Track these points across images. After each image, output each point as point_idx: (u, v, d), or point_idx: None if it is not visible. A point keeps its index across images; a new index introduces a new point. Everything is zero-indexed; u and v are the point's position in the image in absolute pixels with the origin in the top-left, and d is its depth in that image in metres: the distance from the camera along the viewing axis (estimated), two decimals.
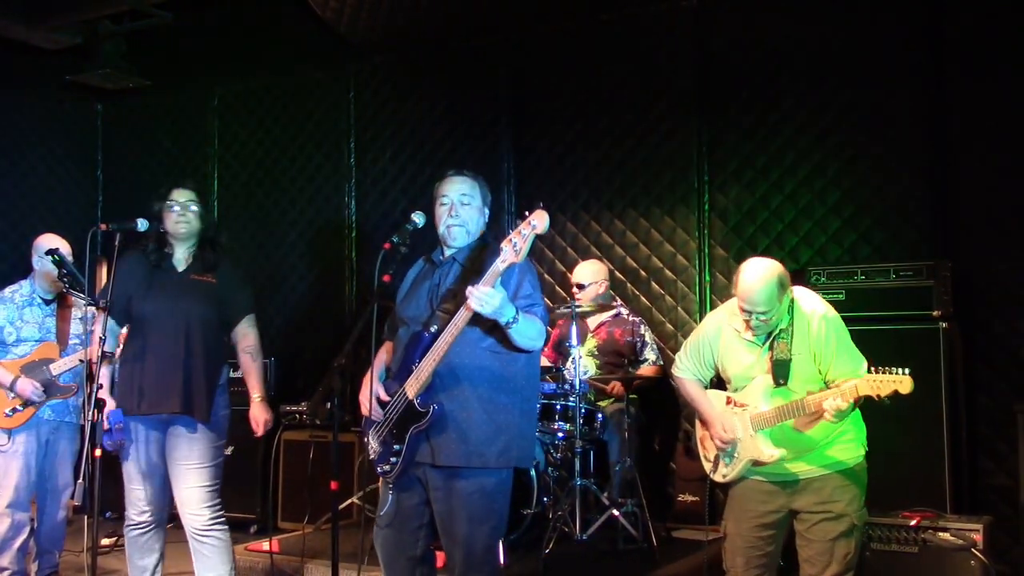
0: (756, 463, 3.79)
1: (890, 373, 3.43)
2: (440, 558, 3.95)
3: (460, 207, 3.73)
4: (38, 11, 7.10)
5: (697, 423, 4.10)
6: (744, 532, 3.87)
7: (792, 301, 3.76)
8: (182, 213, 4.41)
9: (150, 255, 4.46)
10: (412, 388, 3.56)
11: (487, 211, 3.85)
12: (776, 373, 3.72)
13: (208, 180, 8.06)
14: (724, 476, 3.91)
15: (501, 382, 3.60)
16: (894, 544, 4.50)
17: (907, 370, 3.40)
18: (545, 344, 6.08)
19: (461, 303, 3.45)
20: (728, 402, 3.89)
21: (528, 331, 3.52)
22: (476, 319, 3.45)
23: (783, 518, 3.84)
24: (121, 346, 4.51)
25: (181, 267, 4.47)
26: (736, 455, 3.83)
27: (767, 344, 3.76)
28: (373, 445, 3.71)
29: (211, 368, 4.38)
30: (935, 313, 5.08)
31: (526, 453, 3.75)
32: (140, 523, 4.39)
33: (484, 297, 3.33)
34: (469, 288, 3.36)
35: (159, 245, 4.46)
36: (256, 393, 4.46)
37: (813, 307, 3.77)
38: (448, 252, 3.79)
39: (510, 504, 3.74)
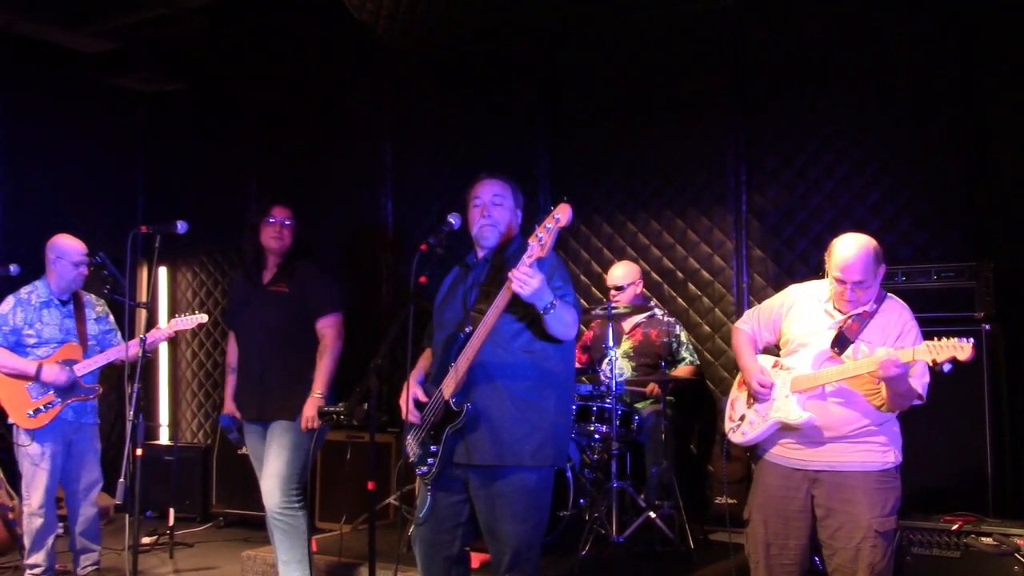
0: (784, 427, 3.75)
1: (952, 339, 3.36)
2: (474, 559, 3.95)
3: (492, 207, 3.77)
4: (79, 16, 7.20)
5: (734, 386, 4.08)
6: (767, 519, 3.82)
7: (884, 292, 3.77)
8: (278, 230, 4.71)
9: (249, 270, 4.79)
10: (448, 388, 3.59)
11: (520, 213, 3.88)
12: (836, 342, 3.71)
13: (247, 182, 8.13)
14: (744, 434, 3.88)
15: (535, 380, 3.62)
16: (935, 549, 4.45)
17: (972, 340, 3.33)
18: (576, 341, 6.12)
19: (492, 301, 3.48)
20: (775, 364, 3.88)
21: (564, 318, 3.54)
22: (512, 309, 3.46)
23: (807, 508, 3.77)
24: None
25: (267, 280, 4.76)
26: (765, 414, 3.80)
27: (842, 318, 3.74)
28: (413, 447, 3.74)
29: (291, 372, 4.67)
30: (977, 315, 5.01)
31: (561, 452, 3.76)
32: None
33: (524, 277, 3.34)
34: (511, 271, 3.37)
35: (256, 257, 4.79)
36: (315, 389, 4.62)
37: (901, 309, 3.77)
38: (481, 254, 3.83)
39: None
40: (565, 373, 3.76)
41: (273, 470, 4.65)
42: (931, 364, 3.39)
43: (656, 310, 6.04)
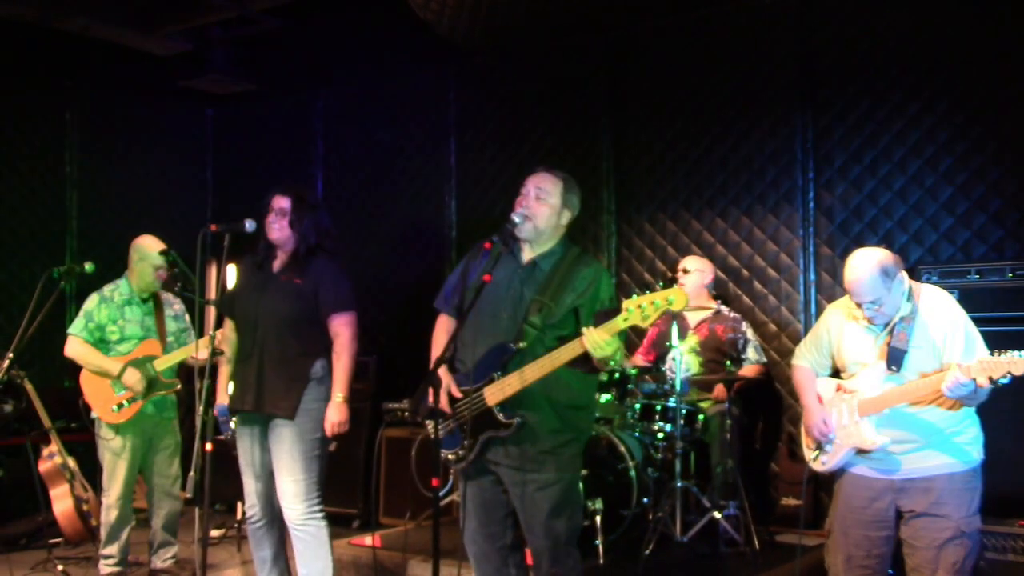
0: (860, 451, 3.70)
1: (1006, 354, 3.30)
2: (529, 556, 3.96)
3: (533, 200, 3.74)
4: (152, 19, 7.35)
5: (804, 414, 4.03)
6: (848, 530, 3.77)
7: (911, 290, 3.69)
8: (276, 220, 4.52)
9: (258, 257, 4.62)
10: (493, 398, 3.61)
11: (567, 214, 3.82)
12: (890, 359, 3.65)
13: (313, 181, 8.24)
14: (824, 463, 3.84)
15: (576, 393, 3.72)
16: (1010, 554, 4.36)
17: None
18: (642, 343, 6.10)
19: (547, 316, 3.56)
20: (838, 389, 3.83)
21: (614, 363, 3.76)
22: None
23: (890, 518, 3.72)
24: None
25: (276, 269, 4.58)
26: (838, 441, 3.75)
27: (886, 330, 3.70)
28: (436, 432, 3.71)
29: (291, 364, 4.43)
30: None
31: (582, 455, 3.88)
32: (250, 516, 4.55)
33: (601, 344, 3.39)
34: (588, 330, 3.40)
35: (267, 248, 4.60)
36: (336, 393, 4.43)
37: (940, 302, 3.71)
38: (529, 254, 3.78)
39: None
40: (594, 384, 4.03)
41: (288, 483, 4.40)
42: (989, 381, 3.34)
43: (721, 307, 5.98)
